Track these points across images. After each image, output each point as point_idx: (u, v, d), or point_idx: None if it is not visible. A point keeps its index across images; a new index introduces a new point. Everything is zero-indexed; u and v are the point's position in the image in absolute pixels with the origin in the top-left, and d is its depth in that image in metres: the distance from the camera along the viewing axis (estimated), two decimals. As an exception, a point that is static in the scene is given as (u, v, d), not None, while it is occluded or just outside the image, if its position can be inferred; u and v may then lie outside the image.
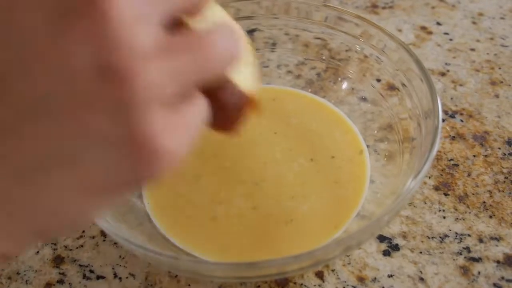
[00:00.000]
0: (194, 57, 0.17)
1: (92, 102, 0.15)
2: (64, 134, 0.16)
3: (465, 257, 0.33)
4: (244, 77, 0.30)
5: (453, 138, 0.41)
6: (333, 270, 0.33)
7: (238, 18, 0.43)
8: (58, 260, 0.34)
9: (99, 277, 0.33)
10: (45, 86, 0.15)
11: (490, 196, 0.37)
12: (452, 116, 0.43)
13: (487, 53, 0.49)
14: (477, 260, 0.33)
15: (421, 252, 0.33)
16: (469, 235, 0.34)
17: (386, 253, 0.33)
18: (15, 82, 0.15)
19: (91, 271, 0.34)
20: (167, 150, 0.16)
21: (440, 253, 0.33)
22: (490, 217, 0.35)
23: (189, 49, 0.17)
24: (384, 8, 0.57)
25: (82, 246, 0.35)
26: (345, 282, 0.32)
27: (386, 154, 0.37)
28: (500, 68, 0.47)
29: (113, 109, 0.15)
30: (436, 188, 0.37)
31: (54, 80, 0.15)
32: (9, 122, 0.16)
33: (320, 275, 0.32)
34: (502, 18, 0.54)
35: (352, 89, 0.42)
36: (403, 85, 0.37)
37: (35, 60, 0.15)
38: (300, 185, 0.36)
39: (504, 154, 0.39)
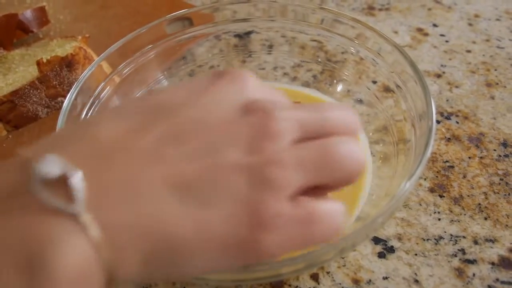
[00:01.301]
0: (320, 153, 0.21)
1: (237, 166, 0.20)
2: (213, 174, 0.20)
3: (460, 259, 0.33)
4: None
5: (449, 139, 0.41)
6: (328, 272, 0.33)
7: (234, 20, 0.43)
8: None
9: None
10: (213, 137, 0.20)
11: (485, 198, 0.37)
12: (448, 118, 0.43)
13: (483, 55, 0.49)
14: (472, 262, 0.33)
15: (416, 254, 0.33)
16: (464, 237, 0.34)
17: (381, 255, 0.33)
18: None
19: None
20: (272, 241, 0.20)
21: (435, 255, 0.33)
22: (485, 219, 0.35)
23: (318, 146, 0.21)
24: (380, 10, 0.57)
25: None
26: (340, 284, 0.32)
27: (381, 156, 0.37)
28: (496, 70, 0.47)
29: (255, 178, 0.20)
30: (432, 190, 0.37)
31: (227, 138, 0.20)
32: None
33: (315, 277, 0.32)
34: (498, 19, 0.54)
35: (348, 91, 0.42)
36: (398, 87, 0.37)
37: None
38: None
39: (500, 156, 0.40)
